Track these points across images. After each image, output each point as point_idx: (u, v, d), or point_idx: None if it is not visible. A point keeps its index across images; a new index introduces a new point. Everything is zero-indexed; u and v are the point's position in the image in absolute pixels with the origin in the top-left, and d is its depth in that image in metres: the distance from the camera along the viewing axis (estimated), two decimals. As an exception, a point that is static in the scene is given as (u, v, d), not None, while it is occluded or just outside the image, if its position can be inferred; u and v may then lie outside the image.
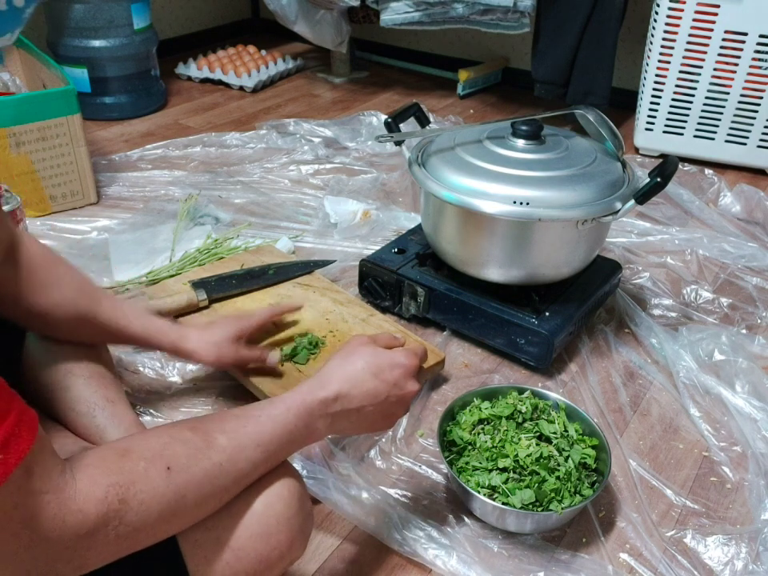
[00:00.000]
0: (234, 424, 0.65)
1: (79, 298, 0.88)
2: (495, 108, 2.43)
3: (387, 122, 1.26)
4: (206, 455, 0.61)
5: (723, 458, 1.06)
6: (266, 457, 0.66)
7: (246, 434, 0.64)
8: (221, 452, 0.62)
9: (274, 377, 1.10)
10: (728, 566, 0.90)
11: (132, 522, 0.54)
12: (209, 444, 0.61)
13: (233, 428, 0.64)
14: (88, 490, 0.52)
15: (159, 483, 0.56)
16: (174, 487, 0.57)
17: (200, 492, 0.60)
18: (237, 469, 0.63)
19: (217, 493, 0.62)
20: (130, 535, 0.55)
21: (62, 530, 0.51)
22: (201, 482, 0.60)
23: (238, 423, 0.65)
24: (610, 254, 1.52)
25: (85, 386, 0.88)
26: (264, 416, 0.66)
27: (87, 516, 0.52)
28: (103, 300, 0.90)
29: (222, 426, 0.64)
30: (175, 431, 0.62)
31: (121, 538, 0.54)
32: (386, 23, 2.17)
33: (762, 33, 1.79)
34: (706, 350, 1.24)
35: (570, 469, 0.93)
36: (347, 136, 2.07)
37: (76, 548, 0.52)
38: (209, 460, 0.61)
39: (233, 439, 0.63)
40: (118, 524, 0.53)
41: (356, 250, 1.52)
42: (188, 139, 2.03)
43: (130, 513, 0.54)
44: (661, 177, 1.07)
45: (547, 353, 1.17)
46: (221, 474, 0.61)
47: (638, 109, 2.05)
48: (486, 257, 1.18)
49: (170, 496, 0.57)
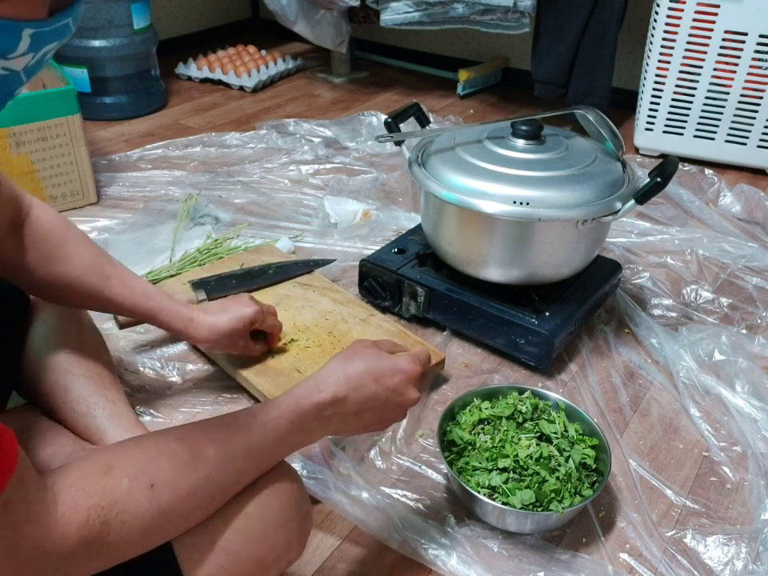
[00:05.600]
0: (224, 433, 0.63)
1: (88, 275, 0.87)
2: (495, 108, 2.43)
3: (387, 122, 1.26)
4: (191, 469, 0.59)
5: (723, 458, 1.06)
6: (257, 464, 0.65)
7: (236, 444, 0.63)
8: (208, 464, 0.60)
9: (272, 377, 1.10)
10: (728, 565, 0.90)
11: (114, 541, 0.54)
12: (195, 456, 0.60)
13: (222, 438, 0.62)
14: (70, 513, 0.51)
15: (142, 502, 0.55)
16: (157, 504, 0.56)
17: (185, 506, 0.59)
18: (225, 479, 0.62)
19: (203, 505, 0.61)
20: (114, 551, 0.55)
21: (44, 555, 0.50)
22: (186, 497, 0.58)
23: (227, 433, 0.63)
24: (610, 254, 1.52)
25: (85, 386, 0.88)
26: (256, 423, 0.65)
27: (69, 540, 0.51)
28: (112, 278, 0.89)
29: (210, 436, 0.62)
30: (162, 443, 0.61)
31: (105, 555, 0.54)
32: (386, 23, 2.17)
33: (762, 33, 1.79)
34: (706, 350, 1.24)
35: (571, 469, 0.93)
36: (347, 136, 2.07)
37: (60, 568, 0.52)
38: (195, 474, 0.59)
39: (221, 451, 0.62)
40: (100, 545, 0.53)
41: (356, 250, 1.52)
42: (188, 139, 2.03)
43: (112, 533, 0.53)
44: (661, 177, 1.07)
45: (547, 353, 1.17)
46: (207, 486, 0.60)
47: (638, 109, 2.05)
48: (486, 257, 1.18)
49: (153, 513, 0.56)
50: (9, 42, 0.43)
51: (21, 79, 0.47)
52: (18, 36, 0.43)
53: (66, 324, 0.92)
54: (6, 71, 0.45)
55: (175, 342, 1.25)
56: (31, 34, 0.43)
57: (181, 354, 1.23)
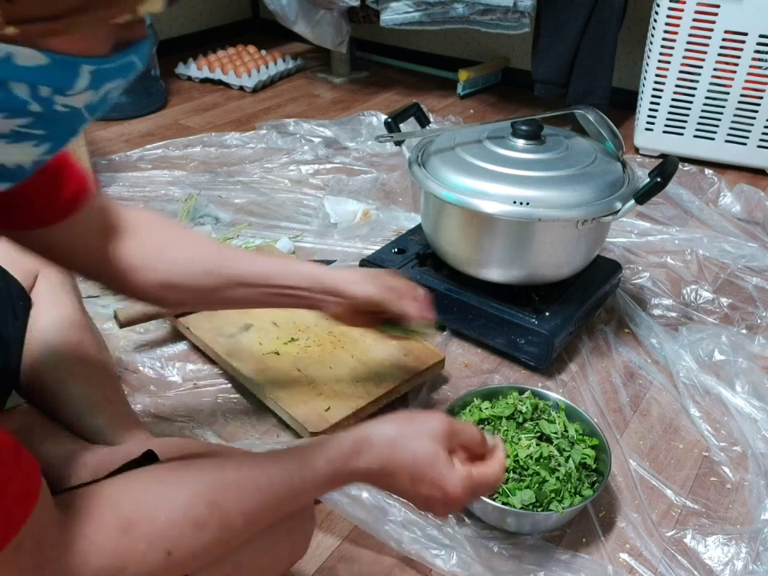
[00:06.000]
0: (255, 504, 0.59)
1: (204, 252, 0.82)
2: (495, 108, 2.43)
3: (387, 122, 1.26)
4: (215, 542, 0.56)
5: (723, 458, 1.06)
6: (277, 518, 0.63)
7: (265, 514, 0.60)
8: (233, 535, 0.58)
9: (273, 376, 1.10)
10: (728, 565, 0.90)
11: None
12: (222, 527, 0.57)
13: (252, 509, 0.59)
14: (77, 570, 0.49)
15: (155, 567, 0.53)
16: (170, 569, 0.54)
17: (197, 564, 0.57)
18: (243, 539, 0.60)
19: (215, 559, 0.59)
20: None
21: None
22: (201, 561, 0.57)
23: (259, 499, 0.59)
24: (610, 253, 1.52)
25: (85, 386, 0.87)
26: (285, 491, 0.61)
27: None
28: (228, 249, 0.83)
29: (242, 507, 0.58)
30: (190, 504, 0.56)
31: None
32: (386, 23, 2.17)
33: (762, 33, 1.79)
34: (706, 350, 1.24)
35: (571, 469, 0.93)
36: (347, 136, 2.07)
37: None
38: (217, 546, 0.57)
39: (250, 522, 0.59)
40: None
41: (356, 250, 1.52)
42: (188, 139, 2.03)
43: None
44: (661, 177, 1.07)
45: (547, 353, 1.17)
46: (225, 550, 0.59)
47: (638, 109, 2.05)
48: (486, 257, 1.18)
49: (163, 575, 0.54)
50: (67, 78, 0.42)
51: (83, 117, 0.46)
52: (77, 72, 0.42)
53: (66, 323, 0.92)
54: (67, 108, 0.43)
55: (175, 341, 1.25)
56: (91, 70, 0.42)
57: (181, 353, 1.23)
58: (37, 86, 0.41)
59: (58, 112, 0.43)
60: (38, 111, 0.42)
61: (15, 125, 0.43)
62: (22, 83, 0.40)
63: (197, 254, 0.82)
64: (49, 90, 0.42)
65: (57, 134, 0.46)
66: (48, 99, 0.42)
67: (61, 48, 0.40)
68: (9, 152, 0.45)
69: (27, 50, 0.39)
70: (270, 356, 1.14)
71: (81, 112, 0.45)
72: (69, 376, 0.87)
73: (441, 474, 0.64)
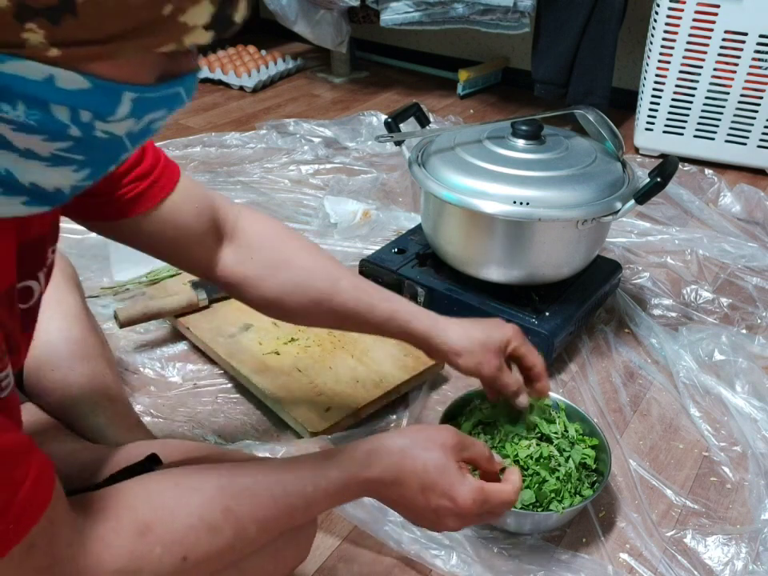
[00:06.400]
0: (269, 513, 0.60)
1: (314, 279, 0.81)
2: (495, 108, 2.43)
3: (387, 122, 1.26)
4: (229, 548, 0.57)
5: (723, 458, 1.06)
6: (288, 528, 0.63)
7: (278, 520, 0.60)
8: (246, 543, 0.59)
9: (273, 376, 1.10)
10: (728, 565, 0.90)
11: None
12: (237, 534, 0.57)
13: (266, 517, 0.59)
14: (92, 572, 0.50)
15: (170, 571, 0.53)
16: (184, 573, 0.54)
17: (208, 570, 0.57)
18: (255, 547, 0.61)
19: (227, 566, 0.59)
20: None
21: None
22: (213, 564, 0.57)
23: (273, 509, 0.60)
24: (610, 253, 1.52)
25: (86, 385, 0.88)
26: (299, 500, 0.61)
27: None
28: (342, 280, 0.81)
29: (256, 514, 0.59)
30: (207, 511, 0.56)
31: None
32: (386, 23, 2.17)
33: (762, 33, 1.79)
34: (706, 350, 1.24)
35: (571, 469, 0.92)
36: (347, 136, 2.07)
37: None
38: (231, 552, 0.58)
39: (263, 530, 0.59)
40: None
41: (356, 250, 1.52)
42: (188, 139, 2.03)
43: None
44: (661, 177, 1.07)
45: (547, 353, 1.17)
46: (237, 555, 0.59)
47: (638, 109, 2.05)
48: (486, 257, 1.18)
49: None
50: (108, 103, 0.41)
51: (125, 145, 0.45)
52: (119, 99, 0.41)
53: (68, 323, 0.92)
54: (107, 134, 0.43)
55: (175, 341, 1.25)
56: (133, 98, 0.41)
57: (181, 353, 1.23)
58: (77, 109, 0.40)
59: (97, 138, 0.43)
60: (77, 136, 0.42)
61: (55, 148, 0.42)
62: (63, 106, 0.40)
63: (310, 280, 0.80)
64: (89, 114, 0.41)
65: (97, 161, 0.46)
66: (88, 124, 0.41)
67: (103, 73, 0.40)
68: (48, 175, 0.44)
69: (69, 74, 0.39)
70: (270, 356, 1.14)
71: (122, 140, 0.44)
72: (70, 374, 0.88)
73: (451, 483, 0.64)
